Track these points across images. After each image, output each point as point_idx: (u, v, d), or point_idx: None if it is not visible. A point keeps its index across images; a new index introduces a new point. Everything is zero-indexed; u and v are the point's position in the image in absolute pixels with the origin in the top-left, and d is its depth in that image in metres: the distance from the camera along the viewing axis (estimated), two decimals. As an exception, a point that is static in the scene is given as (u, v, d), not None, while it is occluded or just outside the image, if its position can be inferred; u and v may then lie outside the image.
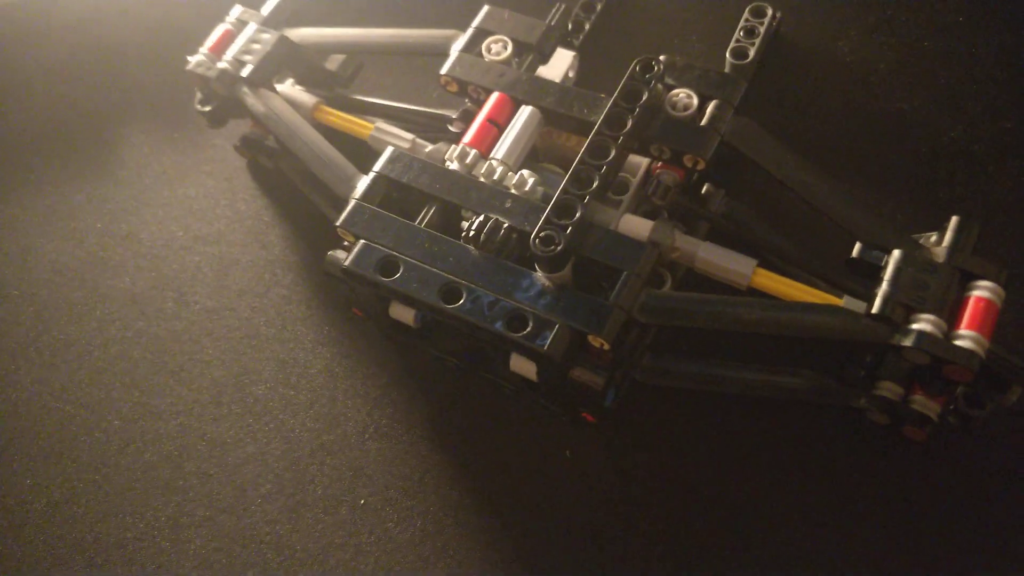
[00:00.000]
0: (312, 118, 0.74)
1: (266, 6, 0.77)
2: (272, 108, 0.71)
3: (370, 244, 0.61)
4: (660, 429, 0.68)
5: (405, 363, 0.73)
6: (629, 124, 0.61)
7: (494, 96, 0.67)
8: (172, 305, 0.77)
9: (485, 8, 0.72)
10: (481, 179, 0.63)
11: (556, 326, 0.56)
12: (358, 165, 0.67)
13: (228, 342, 0.75)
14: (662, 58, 0.63)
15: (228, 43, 0.74)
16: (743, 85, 0.64)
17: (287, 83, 0.78)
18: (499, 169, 0.63)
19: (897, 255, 0.57)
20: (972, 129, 0.76)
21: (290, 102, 0.73)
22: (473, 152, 0.64)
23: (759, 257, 0.62)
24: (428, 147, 0.68)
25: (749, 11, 0.78)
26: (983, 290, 0.55)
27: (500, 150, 0.64)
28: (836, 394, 0.63)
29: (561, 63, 0.74)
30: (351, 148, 0.70)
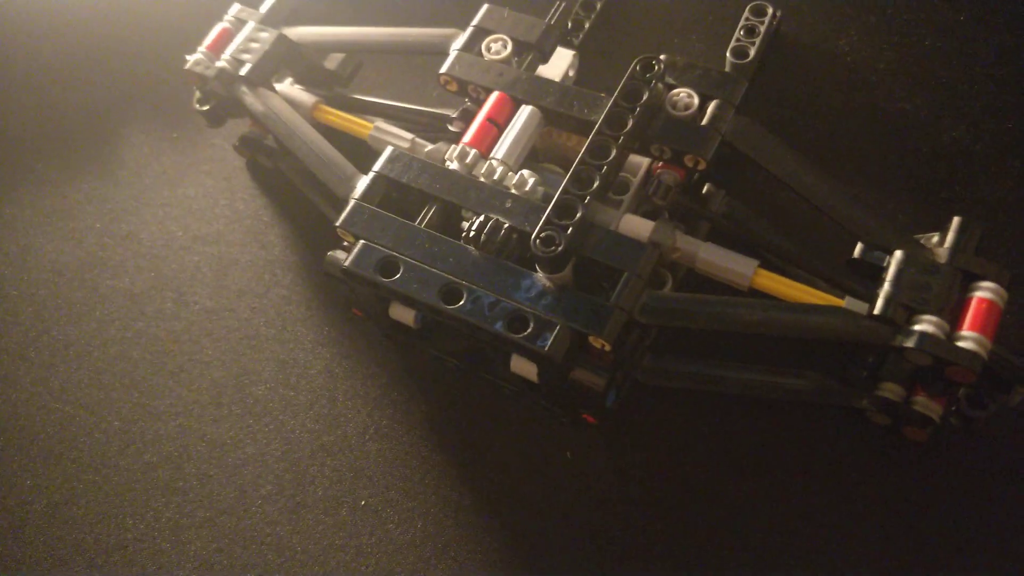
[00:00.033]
0: (311, 117, 0.74)
1: (264, 4, 0.77)
2: (271, 107, 0.71)
3: (370, 244, 0.61)
4: (661, 430, 0.68)
5: (405, 364, 0.73)
6: (630, 124, 0.60)
7: (494, 95, 0.66)
8: (171, 305, 0.77)
9: (484, 7, 0.72)
10: (481, 179, 0.63)
11: (557, 327, 0.56)
12: (357, 165, 0.67)
13: (228, 342, 0.75)
14: (663, 57, 0.63)
15: (226, 42, 0.74)
16: (744, 84, 0.64)
17: (286, 82, 0.78)
18: (499, 169, 0.63)
19: (899, 256, 0.57)
20: (973, 129, 0.76)
21: (289, 101, 0.73)
22: (473, 152, 0.64)
23: (760, 258, 0.61)
24: (428, 147, 0.68)
25: (749, 10, 0.78)
26: (985, 291, 0.55)
27: (500, 150, 0.64)
28: (838, 395, 0.63)
29: (561, 62, 0.74)
30: (350, 148, 0.70)
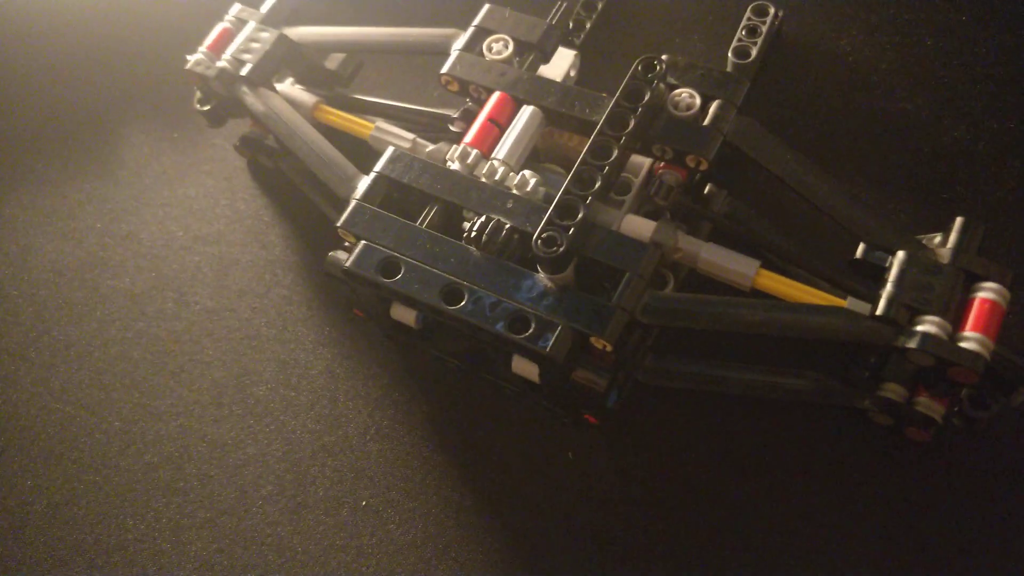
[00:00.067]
0: (312, 117, 0.73)
1: (265, 4, 0.77)
2: (272, 107, 0.71)
3: (371, 245, 0.61)
4: (662, 430, 0.67)
5: (406, 364, 0.73)
6: (631, 124, 0.60)
7: (495, 96, 0.66)
8: (172, 305, 0.77)
9: (486, 7, 0.72)
10: (482, 179, 0.63)
11: (558, 327, 0.56)
12: (358, 165, 0.67)
13: (228, 343, 0.75)
14: (664, 57, 0.63)
15: (227, 42, 0.74)
16: (746, 84, 0.64)
17: (287, 82, 0.78)
18: (500, 169, 0.63)
19: (901, 256, 0.57)
20: (974, 129, 0.76)
21: (290, 101, 0.73)
22: (474, 152, 0.64)
23: (762, 258, 0.61)
24: (429, 147, 0.68)
25: (751, 10, 0.78)
26: (988, 291, 0.55)
27: (501, 150, 0.64)
28: (840, 395, 0.62)
29: (562, 62, 0.74)
30: (351, 148, 0.70)
